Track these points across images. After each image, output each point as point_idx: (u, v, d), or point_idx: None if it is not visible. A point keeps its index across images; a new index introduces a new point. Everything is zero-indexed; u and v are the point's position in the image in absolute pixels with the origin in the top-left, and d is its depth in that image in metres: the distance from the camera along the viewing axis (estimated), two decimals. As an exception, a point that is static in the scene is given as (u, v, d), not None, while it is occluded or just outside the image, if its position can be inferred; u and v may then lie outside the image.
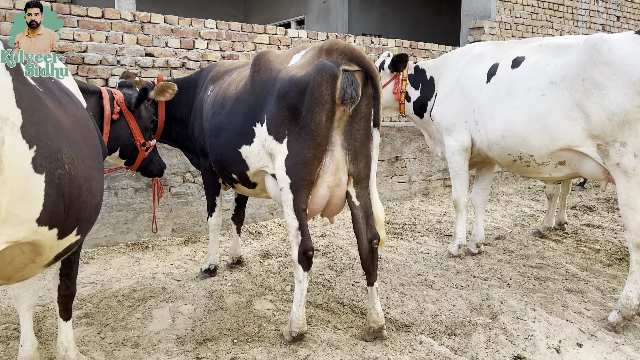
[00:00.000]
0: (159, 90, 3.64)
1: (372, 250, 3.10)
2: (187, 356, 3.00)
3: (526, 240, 5.35)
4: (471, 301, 3.78)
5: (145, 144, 3.68)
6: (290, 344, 3.11)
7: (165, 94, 3.65)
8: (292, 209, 3.04)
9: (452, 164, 4.63)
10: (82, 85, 3.16)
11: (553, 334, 3.28)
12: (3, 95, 1.59)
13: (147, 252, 5.03)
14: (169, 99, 3.72)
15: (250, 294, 3.95)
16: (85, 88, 3.21)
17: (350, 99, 2.92)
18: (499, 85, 4.03)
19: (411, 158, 7.56)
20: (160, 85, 3.65)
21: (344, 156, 3.06)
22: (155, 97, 3.66)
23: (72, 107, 2.18)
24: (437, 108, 4.71)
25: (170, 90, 3.66)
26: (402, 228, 5.96)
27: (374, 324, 3.14)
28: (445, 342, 3.17)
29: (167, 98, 3.69)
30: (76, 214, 2.01)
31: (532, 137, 3.76)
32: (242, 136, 3.31)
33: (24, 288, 2.69)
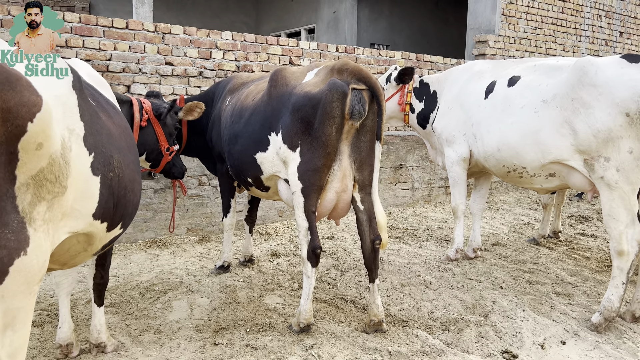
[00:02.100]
0: (188, 110, 3.97)
1: (374, 250, 3.42)
2: (205, 342, 3.32)
3: (521, 247, 5.64)
4: (465, 301, 4.09)
5: (169, 148, 4.01)
6: (298, 334, 3.42)
7: (194, 112, 3.99)
8: (302, 211, 3.37)
9: (452, 173, 4.94)
10: (119, 96, 3.50)
11: (539, 332, 3.58)
12: (70, 110, 1.93)
13: (164, 249, 5.37)
14: (197, 117, 4.04)
15: (261, 290, 4.27)
16: (118, 97, 3.53)
17: (358, 114, 3.25)
18: (496, 102, 4.35)
19: (415, 166, 7.88)
20: (189, 105, 3.98)
21: (350, 165, 3.39)
22: (184, 116, 4.00)
23: (117, 118, 2.52)
24: (438, 120, 5.03)
25: (198, 109, 4.00)
26: (404, 233, 6.27)
27: (375, 317, 3.46)
28: (439, 336, 3.48)
29: (195, 117, 4.02)
30: (122, 210, 2.35)
31: (525, 150, 4.07)
32: (258, 144, 3.64)
33: (64, 276, 3.03)
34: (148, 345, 3.28)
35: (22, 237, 1.62)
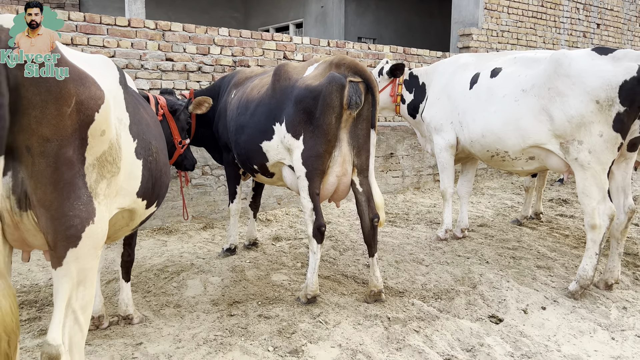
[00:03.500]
0: (197, 104, 4.28)
1: (373, 227, 3.78)
2: (221, 314, 3.66)
3: (505, 228, 6.06)
4: (455, 274, 4.47)
5: (181, 142, 4.31)
6: (305, 305, 3.78)
7: (202, 107, 4.29)
8: (307, 193, 3.71)
9: (440, 159, 5.32)
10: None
11: (522, 300, 3.97)
12: (118, 103, 2.25)
13: (171, 236, 5.68)
14: (205, 112, 4.35)
15: (267, 269, 4.61)
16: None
17: (355, 104, 3.60)
18: (480, 92, 4.73)
19: (404, 155, 8.26)
20: (198, 100, 4.28)
21: (349, 151, 3.73)
22: (193, 110, 4.30)
23: (149, 110, 2.85)
24: (427, 110, 5.41)
25: (206, 104, 4.30)
26: (396, 217, 6.65)
27: (374, 288, 3.83)
28: (432, 304, 3.86)
29: (203, 111, 4.32)
30: (158, 190, 2.68)
31: (507, 136, 4.45)
32: (263, 133, 3.97)
33: None
34: (170, 317, 3.61)
35: (91, 209, 1.94)
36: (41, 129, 1.80)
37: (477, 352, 3.19)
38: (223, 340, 3.26)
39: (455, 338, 3.36)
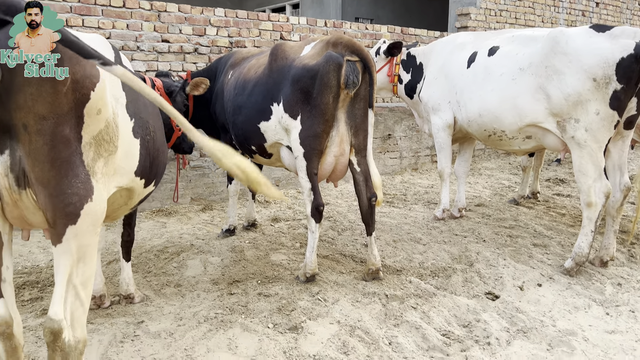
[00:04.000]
0: (194, 85, 4.26)
1: (370, 206, 3.81)
2: (221, 292, 3.71)
3: (502, 207, 6.10)
4: (452, 253, 4.52)
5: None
6: (304, 283, 3.82)
7: (199, 88, 4.28)
8: (305, 173, 3.73)
9: (438, 139, 5.33)
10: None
11: (518, 277, 4.03)
12: (115, 81, 2.25)
13: (171, 218, 5.71)
14: (202, 93, 4.34)
15: (266, 249, 4.65)
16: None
17: (352, 83, 3.59)
18: (477, 71, 4.72)
19: (402, 136, 8.26)
20: (195, 81, 4.27)
21: (347, 130, 3.74)
22: (190, 91, 4.29)
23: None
24: (424, 90, 5.40)
25: (203, 85, 4.28)
26: (394, 198, 6.69)
27: (372, 266, 3.87)
28: (430, 282, 3.91)
29: (200, 92, 4.31)
30: (155, 169, 2.70)
31: (504, 115, 4.46)
32: (261, 113, 3.97)
33: None
34: (170, 296, 3.66)
35: (89, 187, 1.96)
36: (37, 107, 1.81)
37: (473, 327, 3.24)
38: (224, 317, 3.30)
39: (452, 314, 3.41)
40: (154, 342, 3.02)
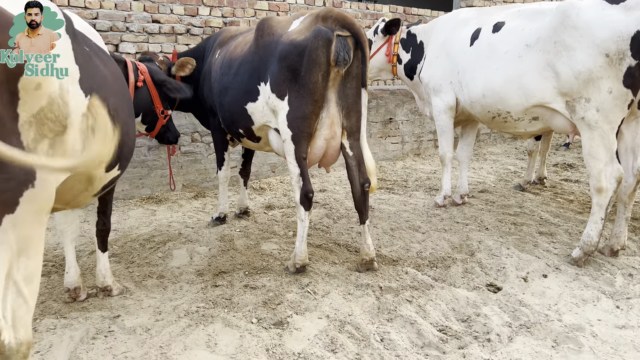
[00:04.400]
0: (179, 65, 4.02)
1: (363, 192, 3.57)
2: (206, 284, 3.49)
3: (507, 193, 5.83)
4: (452, 242, 4.28)
5: (164, 111, 4.07)
6: (294, 275, 3.60)
7: (185, 69, 4.04)
8: (294, 157, 3.48)
9: (439, 122, 5.06)
10: (112, 54, 3.49)
11: (522, 267, 3.78)
12: (66, 54, 2.01)
13: (161, 205, 5.50)
14: (188, 73, 4.08)
15: (257, 238, 4.43)
16: (113, 56, 3.53)
17: (343, 60, 3.33)
18: (481, 48, 4.43)
19: (404, 120, 7.98)
20: (180, 61, 4.02)
21: (338, 112, 3.49)
22: (176, 72, 4.04)
23: (110, 64, 2.60)
24: (425, 70, 5.11)
25: (189, 65, 4.04)
26: (394, 184, 6.43)
27: (366, 256, 3.64)
28: (427, 273, 3.68)
29: (186, 73, 4.06)
30: (119, 152, 2.47)
31: (509, 95, 4.18)
32: (247, 94, 3.72)
33: (67, 224, 3.17)
34: (152, 288, 3.45)
35: (29, 171, 1.73)
36: None
37: (473, 322, 3.01)
38: (205, 312, 3.09)
39: (450, 308, 3.19)
40: (129, 338, 2.82)
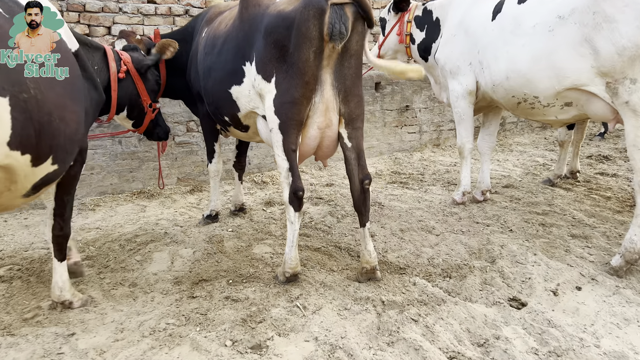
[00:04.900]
0: (159, 48, 3.59)
1: (363, 190, 3.05)
2: (181, 295, 3.05)
3: (535, 189, 5.23)
4: (470, 246, 3.74)
5: (151, 104, 3.65)
6: (284, 285, 3.13)
7: (166, 51, 3.60)
8: (282, 149, 2.99)
9: (457, 109, 4.49)
10: (85, 40, 3.08)
11: (552, 278, 3.23)
12: None
13: (153, 200, 5.09)
14: (170, 57, 3.65)
15: (250, 239, 3.97)
16: (87, 42, 3.11)
17: (339, 34, 2.80)
18: (504, 23, 3.84)
19: (422, 108, 7.39)
20: (160, 43, 3.59)
21: (334, 96, 2.97)
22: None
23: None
24: (441, 50, 4.53)
25: (171, 48, 3.61)
26: (409, 178, 5.89)
27: (367, 264, 3.14)
28: (439, 284, 3.15)
29: (168, 56, 3.63)
30: (49, 141, 2.03)
31: (538, 76, 3.60)
32: (231, 76, 3.24)
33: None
34: (120, 299, 3.02)
35: None
36: None
37: (490, 347, 2.50)
38: (174, 330, 2.65)
39: (465, 328, 2.67)
40: (78, 363, 2.39)
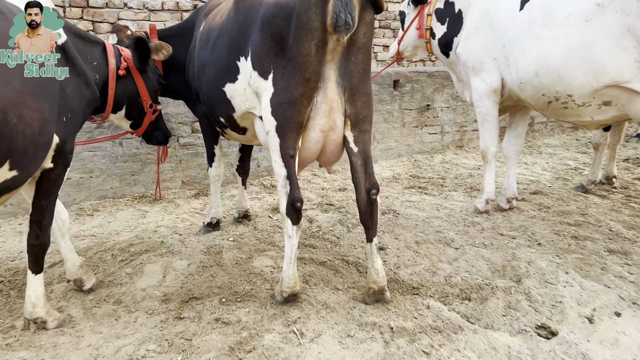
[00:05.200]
0: (154, 49, 3.34)
1: (370, 202, 2.71)
2: (168, 315, 2.76)
3: (567, 196, 4.79)
4: (493, 262, 3.35)
5: (152, 105, 3.41)
6: (281, 305, 2.82)
7: (160, 54, 3.35)
8: (279, 155, 2.67)
9: (480, 109, 4.10)
10: (82, 34, 2.88)
11: (586, 301, 2.84)
12: None
13: (155, 205, 4.83)
14: (163, 59, 3.39)
15: (251, 250, 3.67)
16: (85, 36, 2.90)
17: (344, 25, 2.46)
18: (534, 13, 3.44)
19: (444, 107, 6.98)
20: (154, 44, 3.34)
21: (338, 94, 2.64)
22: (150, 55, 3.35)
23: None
24: (462, 44, 4.14)
25: (164, 51, 3.37)
26: (428, 182, 5.51)
27: (374, 284, 2.79)
28: (456, 308, 2.79)
29: (160, 58, 3.38)
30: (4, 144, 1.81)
31: (572, 72, 3.20)
32: (226, 73, 2.94)
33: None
34: (101, 319, 2.75)
35: None
36: None
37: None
38: (153, 359, 2.35)
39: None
40: (41, 398, 2.12)
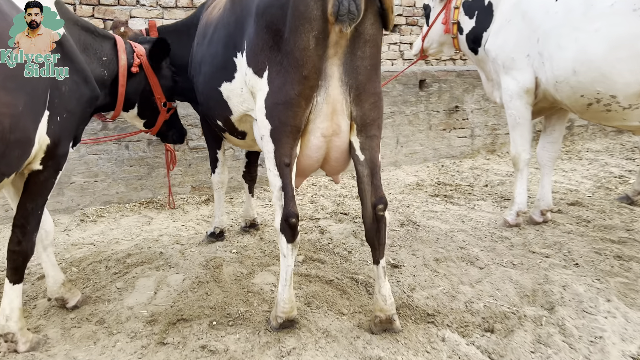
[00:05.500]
0: None
1: (376, 218, 2.36)
2: (150, 340, 2.49)
3: (609, 208, 4.31)
4: (522, 285, 2.95)
5: (166, 103, 3.25)
6: (276, 332, 2.50)
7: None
8: (273, 163, 2.37)
9: (511, 111, 3.69)
10: (91, 28, 2.74)
11: (632, 336, 2.43)
12: None
13: (162, 212, 4.59)
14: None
15: (254, 264, 3.37)
16: (94, 30, 2.76)
17: (347, 14, 2.13)
18: (572, 3, 3.03)
19: (474, 108, 6.53)
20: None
21: (343, 94, 2.31)
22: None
23: None
24: (492, 40, 3.73)
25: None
26: (455, 190, 5.10)
27: (381, 313, 2.44)
28: (476, 341, 2.41)
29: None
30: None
31: (616, 70, 2.78)
32: (222, 71, 2.66)
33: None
34: (78, 342, 2.50)
35: None
36: None
37: None
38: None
39: (507, 414, 1.93)
40: None
